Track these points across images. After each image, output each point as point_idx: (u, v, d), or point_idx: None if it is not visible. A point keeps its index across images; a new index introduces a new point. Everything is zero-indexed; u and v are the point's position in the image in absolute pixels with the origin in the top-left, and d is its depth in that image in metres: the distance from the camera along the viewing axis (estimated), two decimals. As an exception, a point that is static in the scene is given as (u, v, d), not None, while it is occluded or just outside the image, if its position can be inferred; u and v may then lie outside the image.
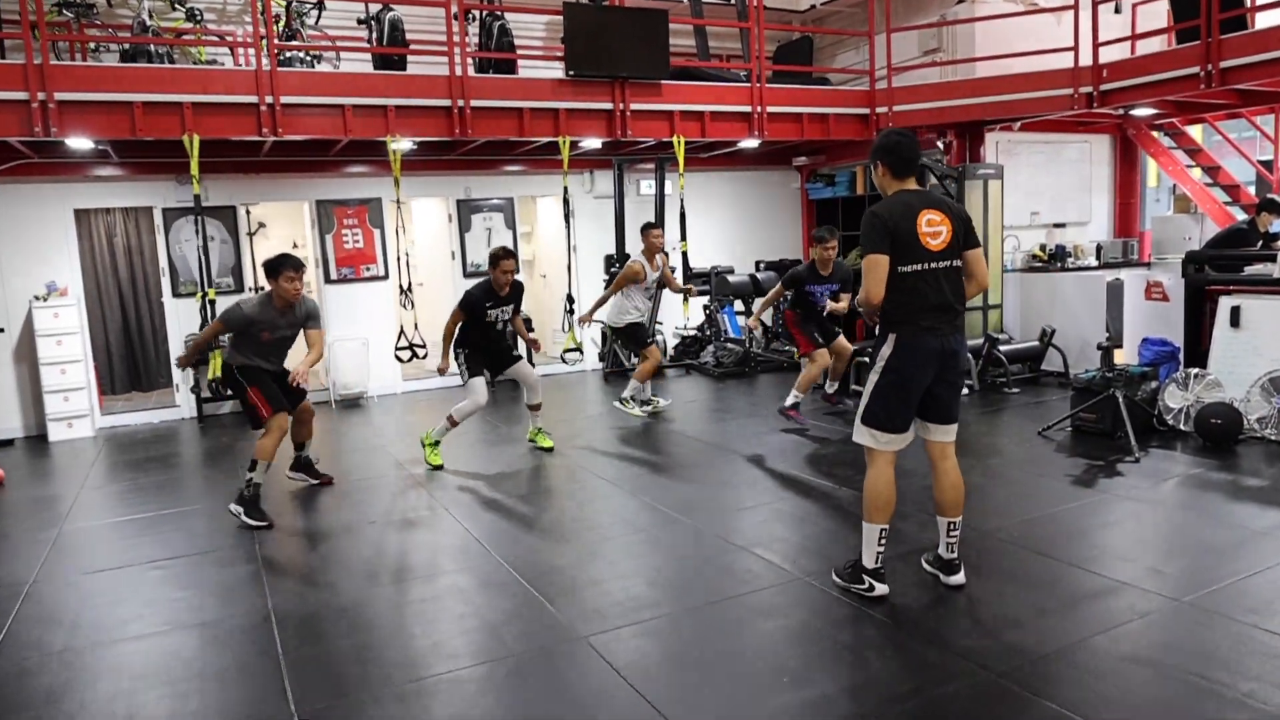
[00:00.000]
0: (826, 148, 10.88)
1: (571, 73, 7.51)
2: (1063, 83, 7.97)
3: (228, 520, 5.32)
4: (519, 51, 9.47)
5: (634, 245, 8.70)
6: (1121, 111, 8.62)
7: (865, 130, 9.06)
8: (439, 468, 6.32)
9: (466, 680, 3.28)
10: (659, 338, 10.63)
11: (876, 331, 3.73)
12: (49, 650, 3.71)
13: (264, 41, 6.61)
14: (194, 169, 6.54)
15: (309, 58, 7.54)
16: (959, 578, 3.82)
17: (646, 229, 7.20)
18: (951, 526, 3.82)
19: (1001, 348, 8.25)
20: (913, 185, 3.70)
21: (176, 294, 8.97)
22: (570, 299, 8.04)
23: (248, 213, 11.08)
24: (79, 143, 6.96)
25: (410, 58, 7.84)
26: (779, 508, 5.14)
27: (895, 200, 3.63)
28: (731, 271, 10.51)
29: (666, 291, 7.90)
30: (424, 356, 7.40)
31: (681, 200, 8.57)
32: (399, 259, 7.51)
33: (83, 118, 6.25)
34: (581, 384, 10.08)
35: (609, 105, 7.81)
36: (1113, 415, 6.07)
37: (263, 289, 11.46)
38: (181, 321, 8.91)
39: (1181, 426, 6.16)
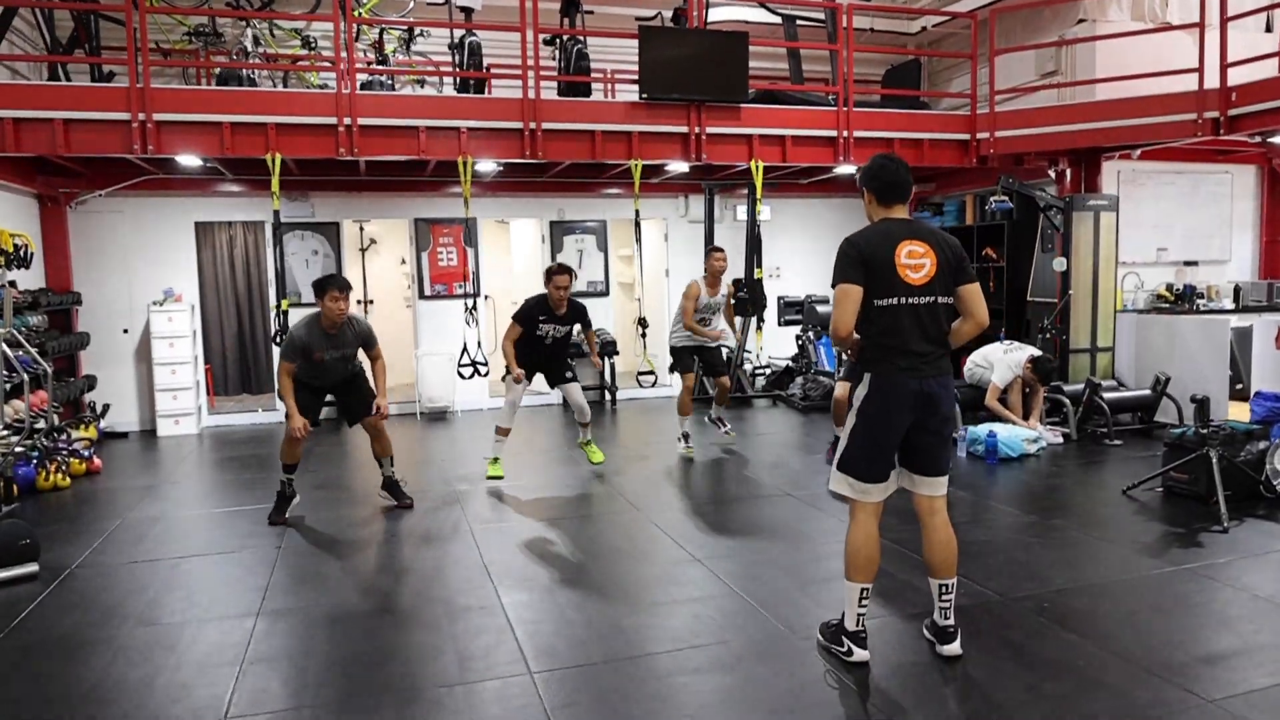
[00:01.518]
0: (935, 175, 10.37)
1: (645, 95, 7.46)
2: (1185, 107, 7.23)
3: (262, 521, 5.55)
4: (614, 76, 9.57)
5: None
6: (1258, 139, 7.73)
7: (964, 157, 8.54)
8: (498, 477, 6.38)
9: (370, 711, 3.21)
10: (747, 366, 10.38)
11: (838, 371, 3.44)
12: (49, 635, 3.92)
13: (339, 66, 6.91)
14: (274, 186, 6.91)
15: (389, 80, 7.82)
16: (953, 648, 3.45)
17: (709, 251, 7.03)
18: (944, 589, 3.45)
19: (1106, 395, 7.52)
20: (899, 214, 3.40)
21: (281, 304, 9.48)
22: (643, 321, 7.95)
23: (361, 230, 11.70)
24: (188, 160, 7.51)
25: (497, 81, 8.01)
26: (798, 556, 4.83)
27: (875, 228, 3.36)
28: (825, 301, 10.14)
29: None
30: (485, 374, 7.50)
31: (758, 225, 8.34)
32: (469, 276, 7.64)
33: (178, 137, 6.72)
34: (669, 408, 9.91)
35: (684, 129, 7.70)
36: (1207, 477, 5.38)
37: (372, 303, 12.08)
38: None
39: (1293, 495, 5.40)
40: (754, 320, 8.65)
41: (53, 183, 8.33)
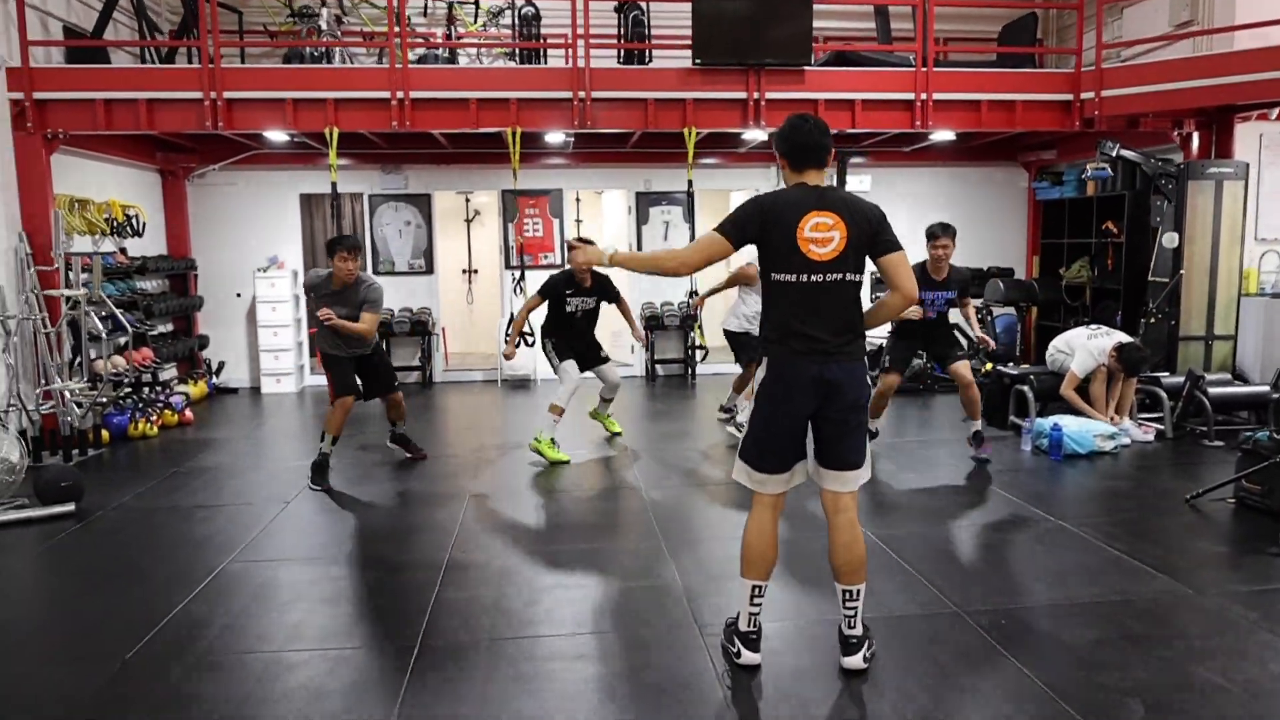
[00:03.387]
0: (1056, 141, 9.43)
1: (699, 61, 7.18)
2: (1324, 57, 6.17)
3: (293, 478, 5.86)
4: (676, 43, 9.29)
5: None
6: None
7: (1067, 120, 7.67)
8: (564, 463, 6.17)
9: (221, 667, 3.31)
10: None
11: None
12: (40, 569, 4.36)
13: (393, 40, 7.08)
14: (332, 159, 7.21)
15: (444, 53, 7.95)
16: (854, 661, 3.14)
17: None
18: (848, 596, 3.15)
19: (1212, 389, 6.61)
20: (814, 180, 3.07)
21: (376, 272, 9.94)
22: (693, 294, 7.75)
23: (466, 201, 12.07)
24: (275, 135, 7.98)
25: (559, 51, 7.97)
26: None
27: (785, 193, 3.07)
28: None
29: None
30: (531, 344, 7.54)
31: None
32: (518, 248, 7.69)
33: (246, 113, 7.15)
34: (725, 386, 9.61)
35: (742, 94, 7.35)
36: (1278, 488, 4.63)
37: (476, 272, 12.46)
38: (378, 296, 9.87)
39: (1392, 518, 4.55)
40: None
41: (171, 158, 9.09)
